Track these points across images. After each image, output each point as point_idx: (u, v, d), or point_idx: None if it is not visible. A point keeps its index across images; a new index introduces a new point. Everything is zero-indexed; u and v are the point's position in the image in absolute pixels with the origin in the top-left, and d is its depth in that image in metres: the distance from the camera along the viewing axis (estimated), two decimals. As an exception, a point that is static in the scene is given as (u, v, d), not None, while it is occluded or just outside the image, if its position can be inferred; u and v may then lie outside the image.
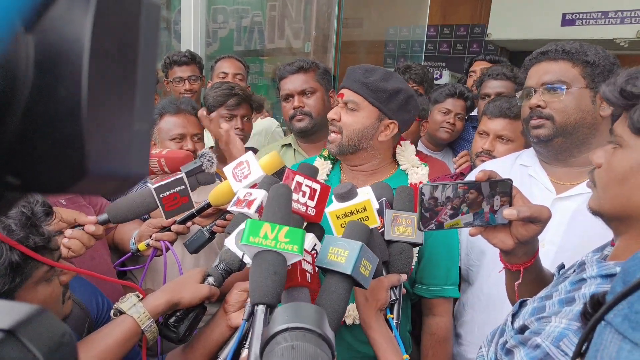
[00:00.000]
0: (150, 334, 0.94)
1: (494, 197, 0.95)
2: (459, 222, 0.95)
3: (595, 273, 0.80)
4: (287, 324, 0.55)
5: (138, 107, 0.27)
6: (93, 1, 0.24)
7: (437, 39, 5.60)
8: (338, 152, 1.38)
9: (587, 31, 4.29)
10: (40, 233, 0.87)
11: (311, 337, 0.54)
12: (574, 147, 1.30)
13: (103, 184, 0.26)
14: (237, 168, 1.15)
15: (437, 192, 0.92)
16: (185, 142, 1.67)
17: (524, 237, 0.93)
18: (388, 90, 1.33)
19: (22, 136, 0.24)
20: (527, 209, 0.91)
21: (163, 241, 1.27)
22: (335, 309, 0.80)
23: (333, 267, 0.82)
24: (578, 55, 1.27)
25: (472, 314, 1.49)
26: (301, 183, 0.98)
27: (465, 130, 2.43)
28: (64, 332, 0.32)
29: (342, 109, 1.37)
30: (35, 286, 0.88)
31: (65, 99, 0.24)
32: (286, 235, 0.75)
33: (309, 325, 0.55)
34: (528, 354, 0.75)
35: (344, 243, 0.84)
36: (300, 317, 0.57)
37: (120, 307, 0.94)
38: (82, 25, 0.24)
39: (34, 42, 0.23)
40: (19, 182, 0.25)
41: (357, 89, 1.34)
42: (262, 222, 0.76)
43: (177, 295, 0.97)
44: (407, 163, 1.43)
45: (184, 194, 1.19)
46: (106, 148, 0.25)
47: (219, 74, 2.57)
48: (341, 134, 1.36)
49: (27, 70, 0.23)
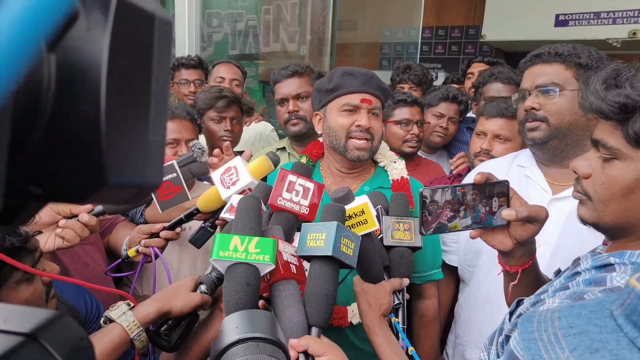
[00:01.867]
0: (139, 342, 0.93)
1: (491, 199, 0.96)
2: (457, 224, 0.95)
3: (590, 265, 0.82)
4: (238, 336, 0.53)
5: (152, 120, 0.29)
6: (110, 22, 0.25)
7: (432, 40, 5.63)
8: (370, 157, 1.39)
9: (580, 31, 4.33)
10: (18, 234, 0.87)
11: (264, 346, 0.53)
12: (569, 148, 1.32)
13: (120, 194, 0.28)
14: (225, 174, 1.13)
15: (437, 195, 0.93)
16: (180, 147, 1.68)
17: (522, 238, 0.94)
18: (388, 92, 1.41)
19: (45, 148, 0.25)
20: (525, 209, 0.92)
21: (152, 247, 1.26)
22: (325, 293, 0.80)
23: (314, 252, 0.82)
24: (571, 58, 1.29)
25: (469, 314, 1.50)
26: (294, 182, 0.98)
27: (459, 132, 2.44)
28: (82, 337, 0.33)
29: (370, 116, 1.36)
30: (17, 286, 0.88)
31: (85, 114, 0.25)
32: (256, 246, 0.75)
33: (260, 333, 0.53)
34: (521, 332, 0.75)
35: (320, 227, 0.84)
36: (251, 325, 0.54)
37: (110, 315, 0.94)
38: (100, 45, 0.25)
39: (55, 61, 0.25)
40: (40, 192, 0.26)
41: (379, 95, 1.38)
42: (231, 236, 0.75)
43: (168, 304, 0.97)
44: (384, 159, 1.47)
45: (177, 182, 1.18)
46: (124, 159, 0.26)
47: (216, 78, 2.59)
48: (371, 140, 1.36)
49: (50, 87, 0.25)
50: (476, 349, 1.47)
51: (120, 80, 0.26)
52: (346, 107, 1.36)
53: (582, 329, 0.62)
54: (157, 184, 0.30)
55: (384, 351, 0.93)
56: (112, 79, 0.25)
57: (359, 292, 1.02)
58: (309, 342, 0.79)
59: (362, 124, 1.33)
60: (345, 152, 1.36)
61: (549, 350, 0.63)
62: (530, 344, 0.66)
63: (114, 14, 0.26)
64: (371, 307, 0.97)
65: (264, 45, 3.75)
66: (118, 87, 0.26)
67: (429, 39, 5.62)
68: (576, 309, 0.66)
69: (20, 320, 0.30)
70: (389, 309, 0.99)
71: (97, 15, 0.26)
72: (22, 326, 0.30)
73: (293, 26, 3.51)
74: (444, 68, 5.37)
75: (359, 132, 1.34)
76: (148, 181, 0.28)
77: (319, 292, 0.80)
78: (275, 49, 3.68)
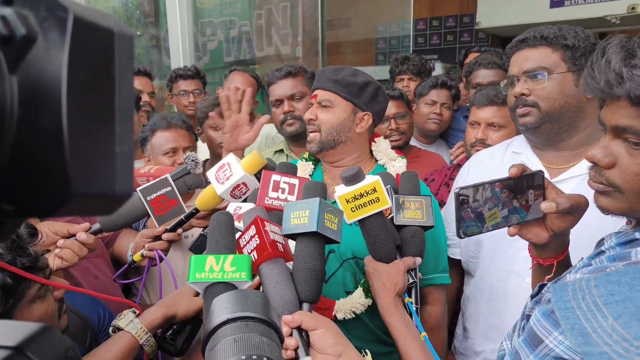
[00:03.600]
0: (149, 347, 0.97)
1: (527, 192, 0.92)
2: (494, 222, 0.91)
3: (614, 243, 0.79)
4: (227, 315, 0.52)
5: (118, 131, 0.29)
6: (67, 41, 0.26)
7: (427, 32, 5.61)
8: (319, 149, 1.41)
9: (577, 11, 4.28)
10: (27, 254, 0.90)
11: (255, 325, 0.51)
12: (563, 131, 1.31)
13: (90, 204, 0.29)
14: (219, 171, 1.16)
15: (474, 194, 0.89)
16: (178, 155, 1.70)
17: (560, 229, 0.90)
18: (358, 84, 1.38)
19: (12, 165, 0.26)
20: (567, 200, 0.87)
21: (156, 250, 1.28)
22: (312, 268, 0.81)
23: (299, 230, 0.82)
24: (557, 40, 1.27)
25: (476, 305, 1.49)
26: (278, 181, 1.00)
27: (456, 120, 2.44)
28: (67, 347, 0.34)
29: (317, 109, 1.41)
30: (30, 305, 0.91)
31: (48, 130, 0.26)
32: (232, 264, 0.75)
33: (251, 313, 0.52)
34: (541, 309, 0.74)
35: (303, 204, 0.84)
36: (240, 305, 0.53)
37: (118, 324, 0.97)
38: (59, 63, 0.26)
39: (17, 82, 0.26)
40: (12, 208, 0.27)
41: (329, 87, 1.39)
42: (205, 257, 0.75)
43: (172, 308, 1.00)
44: (384, 157, 1.47)
45: (172, 196, 1.19)
46: (89, 171, 0.27)
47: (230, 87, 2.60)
48: (320, 131, 1.39)
49: (13, 107, 0.26)
50: (485, 341, 1.45)
51: (82, 95, 0.27)
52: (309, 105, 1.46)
53: (624, 296, 0.61)
54: (128, 193, 0.31)
55: (400, 331, 0.92)
56: (72, 95, 0.26)
57: (371, 272, 1.00)
58: (302, 317, 0.80)
59: (305, 117, 1.43)
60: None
61: (589, 319, 0.62)
62: (567, 312, 0.65)
63: (71, 33, 0.27)
64: (386, 287, 0.95)
65: (258, 49, 3.77)
66: (80, 102, 0.27)
67: (423, 30, 5.60)
68: (613, 277, 0.64)
69: (7, 335, 0.31)
70: (404, 289, 0.97)
71: (54, 35, 0.27)
72: (8, 340, 0.31)
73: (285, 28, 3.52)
74: (441, 58, 5.35)
75: (308, 125, 1.43)
76: (117, 190, 0.29)
77: (306, 268, 0.81)
78: (270, 52, 3.70)
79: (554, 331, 0.70)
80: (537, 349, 0.72)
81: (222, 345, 0.49)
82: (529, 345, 0.74)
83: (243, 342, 0.48)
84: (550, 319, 0.71)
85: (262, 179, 1.01)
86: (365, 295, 1.26)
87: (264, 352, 0.48)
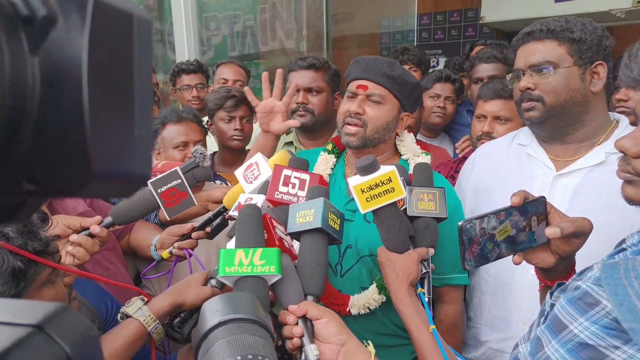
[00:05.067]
0: (156, 335, 0.98)
1: (530, 218, 0.92)
2: (499, 251, 0.91)
3: (636, 240, 0.79)
4: (219, 318, 0.52)
5: (137, 114, 0.30)
6: (87, 23, 0.26)
7: (431, 26, 5.58)
8: (361, 144, 1.35)
9: (582, 5, 4.25)
10: (38, 239, 0.91)
11: (246, 326, 0.52)
12: (568, 125, 1.31)
13: (110, 186, 0.29)
14: (247, 170, 1.18)
15: (476, 226, 0.89)
16: (189, 148, 1.71)
17: (566, 253, 0.90)
18: (412, 84, 1.34)
19: (34, 145, 0.27)
20: (571, 225, 0.87)
21: (187, 250, 1.29)
22: (316, 262, 0.84)
23: (304, 227, 0.85)
24: (564, 33, 1.26)
25: (481, 296, 1.50)
26: (289, 176, 1.02)
27: (459, 114, 2.45)
28: (87, 326, 0.35)
29: (365, 102, 1.34)
30: (40, 289, 0.92)
31: (69, 110, 0.26)
32: (261, 257, 0.76)
33: (241, 314, 0.52)
34: (567, 296, 0.74)
35: (308, 204, 0.87)
36: (231, 307, 0.53)
37: (127, 311, 0.99)
38: (79, 44, 0.26)
39: (39, 63, 0.26)
40: (34, 188, 0.27)
41: (384, 82, 1.32)
42: (234, 250, 0.77)
43: (181, 297, 1.01)
44: (408, 152, 1.43)
45: (182, 188, 1.21)
46: (109, 151, 0.28)
47: (219, 79, 2.61)
48: (364, 127, 1.33)
49: (35, 88, 0.26)
50: (490, 331, 1.46)
51: (102, 77, 0.28)
52: (348, 94, 1.38)
53: None
54: (147, 175, 0.31)
55: (413, 322, 0.93)
56: (93, 76, 0.27)
57: (384, 262, 1.00)
58: (308, 306, 0.82)
59: (350, 109, 1.33)
60: (342, 138, 1.38)
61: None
62: (617, 289, 0.65)
63: (91, 15, 0.27)
64: (399, 277, 0.95)
65: (263, 44, 3.77)
66: (100, 83, 0.27)
67: (427, 25, 5.57)
68: None
69: (28, 313, 0.32)
70: (417, 279, 0.98)
71: (75, 18, 0.27)
72: (29, 318, 0.31)
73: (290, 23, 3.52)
74: (445, 53, 5.32)
75: (349, 117, 1.34)
76: (136, 172, 0.30)
77: (311, 262, 0.84)
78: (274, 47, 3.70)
79: (579, 317, 0.70)
80: (560, 334, 0.73)
81: (216, 348, 0.49)
82: (552, 331, 0.74)
83: (237, 343, 0.49)
84: (576, 305, 0.72)
85: (274, 173, 1.02)
86: (379, 292, 1.27)
87: (258, 351, 0.48)
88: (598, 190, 1.26)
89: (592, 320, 0.69)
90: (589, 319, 0.69)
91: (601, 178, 1.26)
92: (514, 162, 1.45)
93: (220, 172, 2.10)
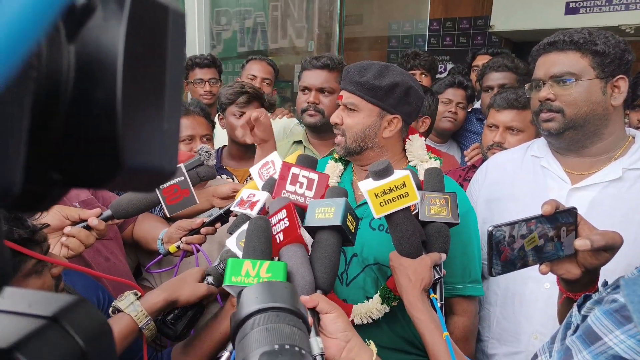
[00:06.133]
0: (148, 331, 0.95)
1: (560, 229, 0.91)
2: (527, 259, 0.91)
3: None
4: (258, 305, 0.52)
5: (167, 108, 0.29)
6: (126, 13, 0.26)
7: (440, 32, 5.59)
8: (345, 154, 1.38)
9: (592, 19, 4.26)
10: (25, 226, 0.88)
11: (285, 316, 0.52)
12: (586, 138, 1.29)
13: (138, 178, 0.29)
14: (262, 168, 1.19)
15: (506, 233, 0.88)
16: (195, 143, 1.70)
17: (593, 266, 0.89)
18: (384, 87, 1.29)
19: (64, 135, 0.26)
20: (602, 239, 0.86)
21: (194, 245, 1.28)
22: (331, 258, 0.85)
23: (323, 223, 0.87)
24: (587, 45, 1.24)
25: (489, 308, 1.48)
26: (297, 174, 1.01)
27: (469, 122, 2.45)
28: (102, 322, 0.34)
29: (343, 111, 1.36)
30: (26, 279, 0.89)
31: (102, 101, 0.26)
32: (268, 270, 0.77)
33: (281, 303, 0.52)
34: (602, 308, 0.74)
35: (329, 202, 0.89)
36: (271, 296, 0.53)
37: (118, 305, 0.96)
38: (116, 35, 0.26)
39: (74, 51, 0.26)
40: (60, 177, 0.27)
41: (354, 90, 1.31)
42: (242, 260, 0.77)
43: (175, 293, 0.99)
44: (415, 159, 1.38)
45: (184, 186, 1.20)
46: (139, 145, 0.27)
47: (248, 75, 2.61)
48: (344, 136, 1.34)
49: (69, 76, 0.26)
50: (498, 344, 1.44)
51: (136, 69, 0.27)
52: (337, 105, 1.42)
53: None
54: (173, 171, 0.31)
55: (427, 326, 0.92)
56: (127, 68, 0.26)
57: (397, 267, 1.00)
58: (319, 299, 0.83)
59: (331, 119, 1.38)
60: None
61: None
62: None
63: (130, 6, 0.26)
64: (412, 281, 0.95)
65: (272, 41, 3.76)
66: (133, 76, 0.27)
67: (437, 31, 5.57)
68: None
69: (44, 305, 0.31)
70: (430, 284, 0.97)
71: (113, 7, 0.26)
72: (45, 310, 0.31)
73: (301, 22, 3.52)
74: (453, 60, 5.33)
75: (334, 128, 1.38)
76: (164, 166, 0.29)
77: (325, 257, 0.85)
78: (284, 45, 3.70)
79: (615, 330, 0.70)
80: (593, 345, 0.72)
81: (254, 335, 0.49)
82: (583, 342, 0.74)
83: (275, 331, 0.49)
84: (612, 317, 0.71)
85: (281, 171, 1.01)
86: (382, 302, 1.25)
87: (295, 341, 0.48)
88: (614, 206, 1.25)
89: (629, 334, 0.68)
90: (625, 332, 0.68)
91: (618, 194, 1.25)
92: (528, 174, 1.43)
93: (228, 166, 2.10)
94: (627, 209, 1.21)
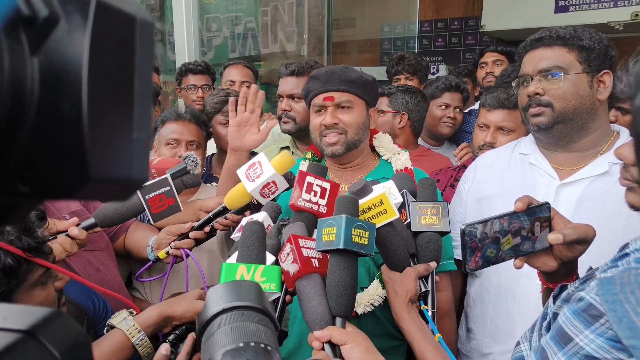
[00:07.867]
0: (142, 348, 0.94)
1: (534, 223, 0.93)
2: (502, 255, 0.93)
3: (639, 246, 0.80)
4: (223, 305, 0.52)
5: (136, 117, 0.29)
6: (89, 24, 0.26)
7: (431, 34, 5.61)
8: (345, 150, 1.40)
9: (582, 16, 4.28)
10: (34, 236, 0.89)
11: (250, 314, 0.51)
12: (574, 132, 1.30)
13: (106, 189, 0.29)
14: (249, 169, 1.19)
15: (478, 230, 0.91)
16: (179, 147, 1.70)
17: (568, 258, 0.91)
18: (370, 82, 1.41)
19: (30, 147, 0.26)
20: (573, 232, 0.89)
21: (183, 250, 1.28)
22: (342, 284, 0.83)
23: (329, 246, 0.85)
24: (573, 41, 1.26)
25: (482, 307, 1.48)
26: (312, 183, 1.03)
27: (466, 122, 2.44)
28: (79, 333, 0.34)
29: (337, 111, 1.39)
30: (32, 290, 0.90)
31: (68, 113, 0.26)
32: (262, 275, 0.78)
33: (246, 302, 0.52)
34: (571, 307, 0.75)
35: (332, 221, 0.87)
36: (235, 295, 0.53)
37: (111, 322, 0.96)
38: (80, 46, 0.26)
39: (38, 64, 0.26)
40: (29, 190, 0.27)
41: (346, 88, 1.39)
42: (237, 265, 0.78)
43: (170, 308, 0.99)
44: (387, 152, 1.49)
45: (170, 195, 1.21)
46: (107, 155, 0.27)
47: (227, 82, 2.61)
48: (345, 133, 1.39)
49: (33, 89, 0.26)
50: (493, 343, 1.44)
51: (102, 80, 0.27)
52: (315, 109, 1.43)
53: None
54: (144, 179, 0.30)
55: (414, 336, 0.94)
56: (93, 79, 0.26)
57: (386, 280, 1.04)
58: (332, 332, 0.82)
59: (325, 122, 1.40)
60: (323, 150, 1.43)
61: (639, 313, 0.63)
62: (615, 305, 0.65)
63: (93, 17, 0.26)
64: (398, 294, 0.98)
65: (264, 46, 3.77)
66: (100, 87, 0.27)
67: (428, 32, 5.59)
68: None
69: (19, 318, 0.31)
70: (416, 295, 1.00)
71: (77, 19, 0.26)
72: (20, 324, 0.31)
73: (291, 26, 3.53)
74: (445, 61, 5.35)
75: (325, 130, 1.41)
76: (134, 176, 0.29)
77: (337, 284, 0.84)
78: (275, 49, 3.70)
79: (585, 330, 0.70)
80: (566, 346, 0.73)
81: (219, 334, 0.49)
82: (557, 343, 0.74)
83: (240, 330, 0.49)
84: (580, 317, 0.72)
85: (297, 179, 1.04)
86: (383, 287, 1.27)
87: (260, 339, 0.48)
88: (603, 200, 1.26)
89: (597, 332, 0.69)
90: (594, 331, 0.69)
91: (605, 187, 1.26)
92: (517, 171, 1.45)
93: (218, 174, 2.09)
94: (614, 202, 1.22)
